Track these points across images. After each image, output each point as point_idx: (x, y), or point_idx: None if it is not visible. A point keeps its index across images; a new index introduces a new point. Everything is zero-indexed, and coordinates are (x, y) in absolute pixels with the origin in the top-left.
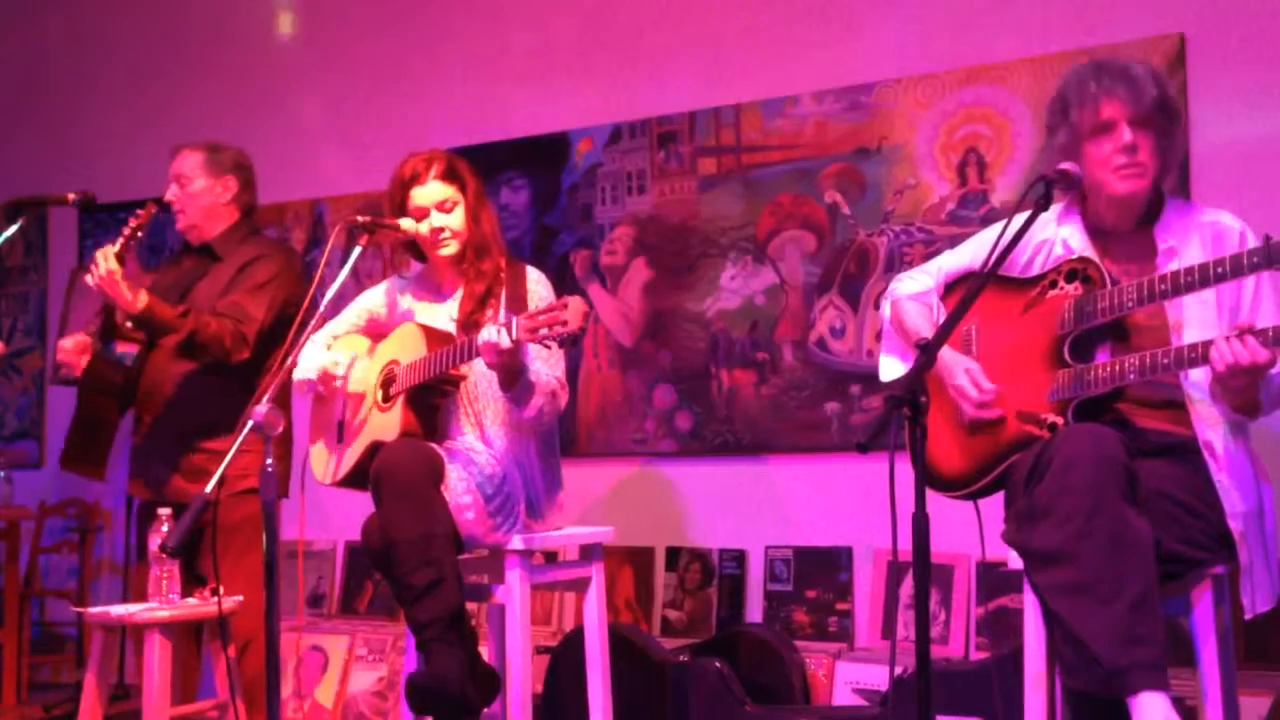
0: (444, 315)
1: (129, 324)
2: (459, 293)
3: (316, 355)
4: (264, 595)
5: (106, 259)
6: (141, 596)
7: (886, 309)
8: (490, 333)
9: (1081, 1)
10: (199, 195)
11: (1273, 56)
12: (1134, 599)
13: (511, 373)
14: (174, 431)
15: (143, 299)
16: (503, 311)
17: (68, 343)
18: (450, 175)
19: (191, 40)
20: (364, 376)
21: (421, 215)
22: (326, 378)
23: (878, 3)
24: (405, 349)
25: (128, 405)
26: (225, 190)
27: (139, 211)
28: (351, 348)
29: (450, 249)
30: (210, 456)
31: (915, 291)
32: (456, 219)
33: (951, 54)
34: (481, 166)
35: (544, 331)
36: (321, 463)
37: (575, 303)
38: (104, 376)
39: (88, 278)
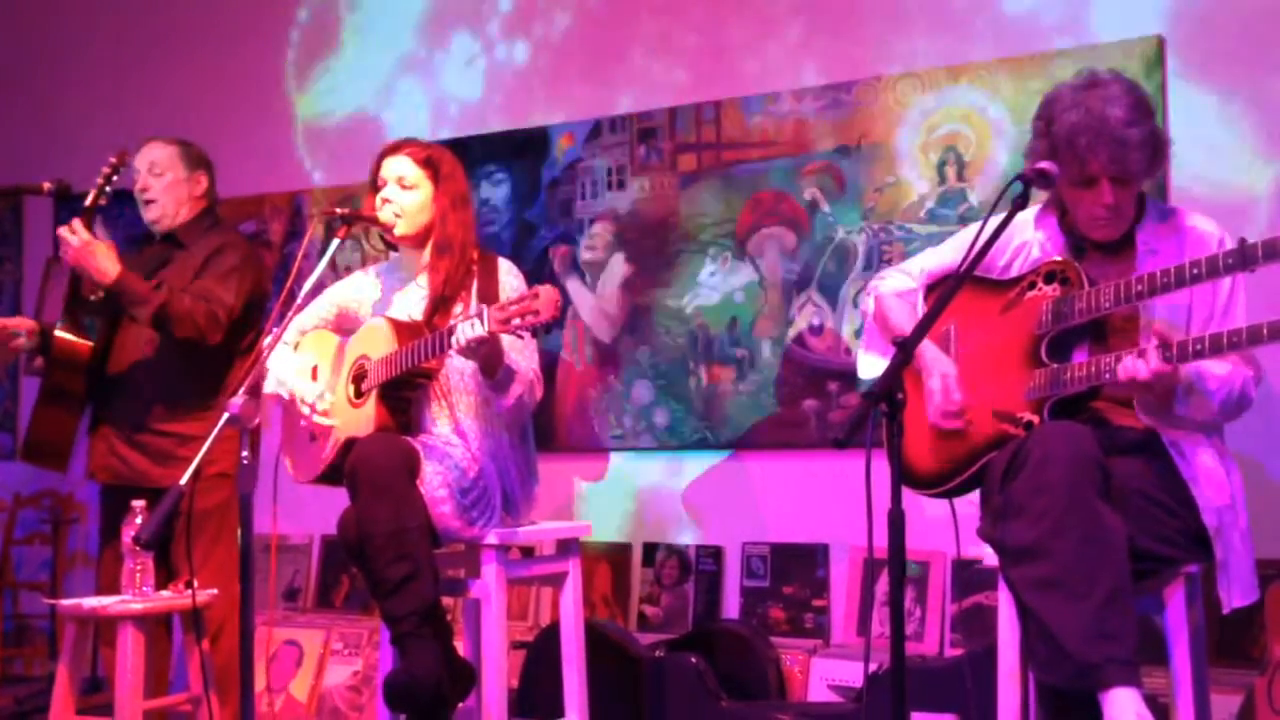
0: (416, 299)
1: (96, 296)
2: (426, 283)
3: (286, 368)
4: (234, 586)
5: (77, 231)
6: (110, 584)
7: (869, 304)
8: (466, 330)
9: (1061, 3)
10: (173, 187)
11: (1251, 59)
12: (1106, 595)
13: (490, 362)
14: (137, 414)
15: (115, 269)
16: (474, 304)
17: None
18: (426, 162)
19: (171, 30)
20: (335, 374)
21: (380, 186)
22: (293, 403)
23: (859, 1)
24: (375, 344)
25: (94, 389)
26: (197, 185)
27: (98, 180)
28: (320, 345)
29: (396, 228)
30: (176, 440)
31: (898, 289)
32: (410, 199)
33: (932, 53)
34: (462, 160)
35: (516, 321)
36: (295, 461)
37: (546, 292)
38: (72, 352)
39: (61, 253)
